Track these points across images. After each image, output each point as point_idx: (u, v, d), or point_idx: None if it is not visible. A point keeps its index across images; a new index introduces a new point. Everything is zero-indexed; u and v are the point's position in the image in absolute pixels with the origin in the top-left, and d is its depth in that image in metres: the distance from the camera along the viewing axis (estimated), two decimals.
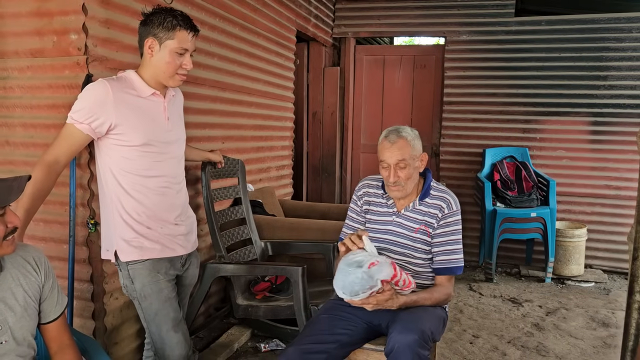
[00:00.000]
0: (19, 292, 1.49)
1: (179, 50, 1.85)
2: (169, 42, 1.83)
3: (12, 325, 1.47)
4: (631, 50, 4.55)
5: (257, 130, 3.87)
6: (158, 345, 1.94)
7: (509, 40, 4.87)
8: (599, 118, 4.73)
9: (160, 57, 1.85)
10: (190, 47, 1.88)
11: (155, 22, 1.83)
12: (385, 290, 1.78)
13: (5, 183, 1.33)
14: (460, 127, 5.10)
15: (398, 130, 2.00)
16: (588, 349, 3.17)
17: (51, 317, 1.58)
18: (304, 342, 1.87)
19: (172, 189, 1.96)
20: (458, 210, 2.06)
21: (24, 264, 1.51)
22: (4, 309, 1.45)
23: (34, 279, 1.53)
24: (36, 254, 1.56)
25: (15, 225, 1.40)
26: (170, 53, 1.84)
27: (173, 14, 1.84)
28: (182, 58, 1.87)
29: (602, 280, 4.52)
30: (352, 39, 5.44)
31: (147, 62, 1.88)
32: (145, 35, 1.85)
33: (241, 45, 3.48)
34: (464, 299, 4.04)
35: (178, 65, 1.87)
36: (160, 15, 1.83)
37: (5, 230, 1.38)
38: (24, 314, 1.50)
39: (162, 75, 1.88)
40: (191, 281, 2.16)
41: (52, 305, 1.58)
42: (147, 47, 1.86)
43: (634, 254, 1.80)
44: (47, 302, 1.57)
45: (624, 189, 4.66)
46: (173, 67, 1.86)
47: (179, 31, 1.84)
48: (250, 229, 3.16)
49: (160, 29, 1.82)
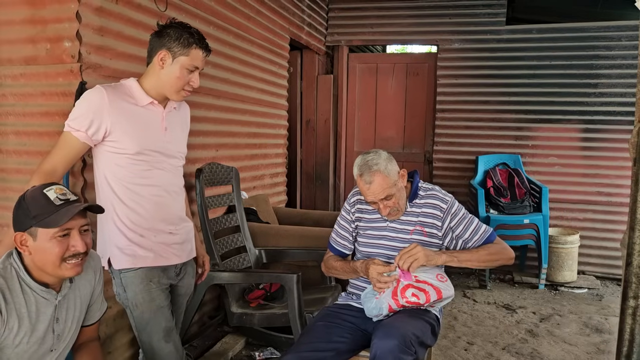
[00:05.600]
0: (77, 303, 1.54)
1: (190, 67, 1.86)
2: (183, 58, 1.84)
3: (67, 337, 1.54)
4: (621, 59, 4.60)
5: (251, 138, 3.87)
6: (148, 355, 1.93)
7: (501, 48, 4.92)
8: (590, 125, 4.77)
9: (170, 71, 1.85)
10: (201, 66, 1.90)
11: (172, 36, 1.83)
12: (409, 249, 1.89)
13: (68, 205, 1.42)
14: (453, 135, 5.13)
15: (369, 165, 1.94)
16: (582, 355, 3.18)
17: (92, 321, 1.63)
18: (302, 349, 1.86)
19: (167, 198, 1.95)
20: (451, 197, 2.09)
21: (87, 272, 1.56)
22: (67, 321, 1.52)
23: (90, 285, 1.57)
24: (96, 259, 1.61)
25: (78, 250, 1.44)
26: (181, 69, 1.85)
27: (190, 32, 1.86)
28: (191, 75, 1.88)
29: (595, 286, 4.54)
30: (345, 47, 5.47)
31: (154, 72, 1.88)
32: (159, 47, 1.85)
33: (235, 53, 3.48)
34: (458, 306, 4.04)
35: (186, 81, 1.88)
36: (178, 31, 1.84)
37: (63, 252, 1.42)
38: (78, 324, 1.54)
39: (169, 88, 1.88)
40: (187, 291, 2.14)
41: (97, 310, 1.63)
42: (158, 59, 1.86)
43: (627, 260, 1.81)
44: (94, 307, 1.62)
45: (616, 195, 4.70)
46: (182, 83, 1.87)
47: (194, 49, 1.85)
48: (245, 237, 3.15)
49: (176, 43, 1.83)
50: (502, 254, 2.05)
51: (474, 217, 2.08)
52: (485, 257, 2.02)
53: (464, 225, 2.04)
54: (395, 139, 5.49)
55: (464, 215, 2.06)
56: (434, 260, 1.92)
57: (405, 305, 1.87)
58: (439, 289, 1.89)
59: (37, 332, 1.44)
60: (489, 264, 2.08)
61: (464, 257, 1.99)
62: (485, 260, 2.03)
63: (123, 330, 2.42)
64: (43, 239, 1.39)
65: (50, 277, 1.45)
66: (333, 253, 2.24)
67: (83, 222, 1.44)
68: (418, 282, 1.88)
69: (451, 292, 1.96)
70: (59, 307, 1.49)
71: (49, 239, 1.39)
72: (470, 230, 2.04)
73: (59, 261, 1.40)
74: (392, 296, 1.87)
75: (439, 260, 1.94)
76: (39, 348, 1.45)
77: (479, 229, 2.05)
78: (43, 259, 1.40)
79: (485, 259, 2.03)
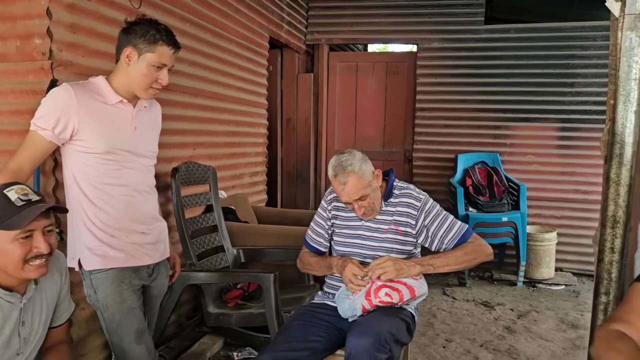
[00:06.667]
0: (44, 305, 1.50)
1: (157, 64, 1.83)
2: (149, 55, 1.81)
3: (33, 340, 1.50)
4: (596, 58, 4.67)
5: (230, 137, 3.84)
6: (120, 357, 1.90)
7: (479, 47, 4.96)
8: (567, 124, 4.83)
9: (136, 68, 1.82)
10: (169, 63, 1.87)
11: (137, 33, 1.80)
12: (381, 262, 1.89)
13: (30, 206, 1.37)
14: (432, 133, 5.16)
15: (343, 166, 1.93)
16: (558, 351, 3.22)
17: (60, 322, 1.59)
18: (277, 349, 1.85)
19: (138, 197, 1.92)
20: (425, 195, 2.07)
21: (53, 272, 1.52)
22: (34, 324, 1.48)
23: (56, 286, 1.54)
24: (61, 259, 1.57)
25: (41, 252, 1.40)
26: (148, 66, 1.81)
27: (157, 28, 1.83)
28: (159, 72, 1.85)
29: (571, 282, 4.60)
30: (325, 46, 5.47)
31: (122, 70, 1.85)
32: (125, 44, 1.82)
33: (213, 51, 3.45)
34: (437, 304, 4.06)
35: (154, 79, 1.84)
36: (144, 27, 1.81)
37: (26, 254, 1.39)
38: (45, 326, 1.50)
39: (136, 86, 1.85)
40: (160, 291, 2.12)
41: (64, 311, 1.59)
42: (124, 56, 1.83)
43: (599, 256, 1.84)
44: (61, 308, 1.58)
45: (592, 193, 4.76)
46: (148, 80, 1.83)
47: (161, 46, 1.82)
48: (222, 236, 3.13)
49: (142, 40, 1.80)
50: (479, 252, 2.00)
51: (449, 214, 2.07)
52: (462, 259, 1.97)
53: (438, 222, 2.03)
54: (375, 137, 5.50)
55: (438, 213, 2.05)
56: (405, 273, 1.89)
57: (379, 305, 1.87)
58: (412, 288, 1.89)
59: (3, 337, 1.40)
60: (467, 264, 2.01)
61: (439, 262, 1.95)
62: (462, 261, 1.97)
63: (96, 333, 2.38)
64: (4, 241, 1.35)
65: (13, 280, 1.41)
66: (308, 250, 2.24)
67: (46, 223, 1.41)
68: (392, 282, 1.88)
69: (424, 290, 1.96)
70: (24, 310, 1.46)
71: (11, 240, 1.35)
72: (444, 228, 2.02)
73: (21, 263, 1.37)
74: (366, 296, 1.87)
75: (412, 272, 1.90)
76: (4, 352, 1.42)
77: (454, 226, 2.03)
78: (5, 262, 1.37)
79: (462, 260, 1.97)
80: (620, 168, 1.67)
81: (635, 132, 1.64)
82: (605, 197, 1.74)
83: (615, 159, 1.67)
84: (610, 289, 1.76)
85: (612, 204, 1.69)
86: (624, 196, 1.67)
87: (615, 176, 1.68)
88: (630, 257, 1.71)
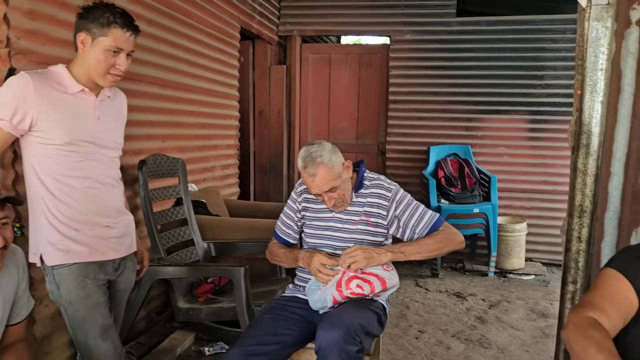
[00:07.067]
0: (0, 302, 1.43)
1: (113, 48, 1.76)
2: (102, 39, 1.74)
3: None
4: (565, 51, 4.73)
5: (200, 129, 3.77)
6: (85, 354, 1.84)
7: (451, 40, 4.98)
8: (537, 116, 4.90)
9: (92, 54, 1.76)
10: (126, 47, 1.79)
11: (90, 17, 1.74)
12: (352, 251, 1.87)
13: None
14: (405, 126, 5.17)
15: (312, 157, 1.91)
16: (528, 340, 3.26)
17: (18, 319, 1.53)
18: (247, 343, 1.82)
19: (101, 190, 1.86)
20: (396, 185, 2.06)
21: (10, 267, 1.45)
22: None
23: (13, 282, 1.47)
24: (18, 254, 1.50)
25: None
26: (103, 51, 1.75)
27: (111, 11, 1.76)
28: (116, 57, 1.78)
29: (541, 272, 4.68)
30: (297, 37, 5.41)
31: (79, 57, 1.79)
32: (79, 29, 1.76)
33: (181, 41, 3.38)
34: (410, 295, 4.08)
35: (110, 64, 1.77)
36: (98, 11, 1.75)
37: None
38: (2, 323, 1.44)
39: (93, 73, 1.78)
40: (126, 286, 2.06)
41: (22, 307, 1.53)
42: (79, 42, 1.77)
43: (567, 245, 1.86)
44: (19, 304, 1.52)
45: (561, 184, 4.84)
46: (104, 66, 1.77)
47: (114, 29, 1.75)
48: (192, 230, 3.08)
49: (94, 24, 1.73)
50: (450, 240, 2.00)
51: (420, 204, 2.06)
52: (433, 247, 1.96)
53: (409, 212, 2.02)
54: (348, 130, 5.49)
55: (409, 202, 2.04)
56: (375, 261, 1.88)
57: (350, 296, 1.86)
58: (383, 279, 1.88)
59: None
60: (439, 252, 2.01)
61: (410, 250, 1.94)
62: (433, 249, 1.97)
63: (61, 330, 2.30)
64: None
65: None
66: (277, 241, 2.21)
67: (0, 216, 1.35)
68: (363, 274, 1.87)
69: (396, 281, 1.95)
70: None
71: None
72: (415, 217, 2.01)
73: None
74: (337, 287, 1.86)
75: (382, 260, 1.89)
76: None
77: (425, 215, 2.02)
78: None
79: (433, 248, 1.97)
80: (587, 158, 1.68)
81: (602, 122, 1.65)
82: (572, 187, 1.76)
83: (582, 149, 1.68)
84: (578, 277, 1.78)
85: (579, 193, 1.71)
86: (591, 186, 1.68)
87: (583, 166, 1.69)
88: (597, 246, 1.73)
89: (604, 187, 1.70)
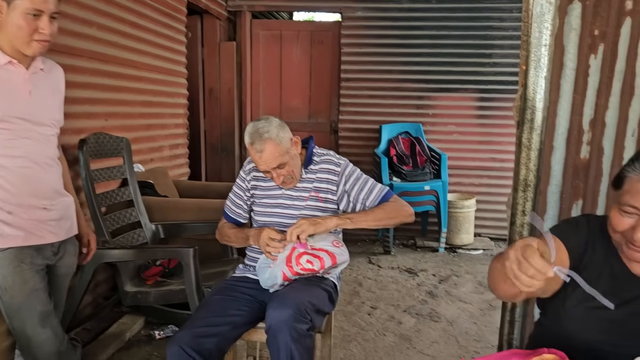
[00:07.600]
0: None
1: (32, 11, 1.62)
2: (19, 3, 1.60)
3: None
4: (512, 30, 4.82)
5: (147, 107, 3.64)
6: (23, 342, 1.76)
7: (402, 17, 4.97)
8: (485, 94, 4.99)
9: (11, 20, 1.62)
10: (47, 9, 1.65)
11: None
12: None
13: None
14: (357, 104, 5.17)
15: (260, 133, 1.86)
16: (475, 312, 3.36)
17: None
18: (196, 325, 1.78)
19: (37, 170, 1.75)
20: (345, 160, 2.05)
21: None
22: None
23: None
24: None
25: None
26: (22, 15, 1.61)
27: None
28: (38, 21, 1.64)
29: (489, 247, 4.82)
30: (247, 13, 5.28)
31: (1, 26, 1.66)
32: None
33: (124, 14, 3.22)
34: (363, 272, 4.12)
35: (33, 29, 1.64)
36: None
37: None
38: None
39: (16, 41, 1.65)
40: (67, 271, 1.97)
41: None
42: None
43: (512, 219, 1.90)
44: None
45: (508, 161, 4.96)
46: (26, 32, 1.63)
47: None
48: (139, 211, 2.98)
49: None
50: (399, 211, 1.99)
51: (369, 178, 2.05)
52: (381, 216, 1.95)
53: (358, 186, 2.01)
54: (301, 108, 5.44)
55: (358, 177, 2.03)
56: (323, 226, 1.86)
57: (300, 272, 1.84)
58: (333, 255, 1.87)
59: None
60: (387, 222, 2.00)
61: (358, 218, 1.93)
62: (381, 218, 1.96)
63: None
64: None
65: None
66: (227, 221, 2.17)
67: None
68: (313, 249, 1.85)
69: (346, 257, 1.95)
70: None
71: None
72: (365, 191, 2.00)
73: None
74: (287, 263, 1.83)
75: (330, 224, 1.87)
76: None
77: (374, 189, 2.01)
78: None
79: (381, 217, 1.96)
80: (531, 133, 1.71)
81: (546, 97, 1.68)
82: (517, 162, 1.79)
83: (526, 124, 1.71)
84: None
85: (524, 168, 1.74)
86: (535, 160, 1.72)
87: (527, 141, 1.72)
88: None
89: (547, 162, 1.74)
